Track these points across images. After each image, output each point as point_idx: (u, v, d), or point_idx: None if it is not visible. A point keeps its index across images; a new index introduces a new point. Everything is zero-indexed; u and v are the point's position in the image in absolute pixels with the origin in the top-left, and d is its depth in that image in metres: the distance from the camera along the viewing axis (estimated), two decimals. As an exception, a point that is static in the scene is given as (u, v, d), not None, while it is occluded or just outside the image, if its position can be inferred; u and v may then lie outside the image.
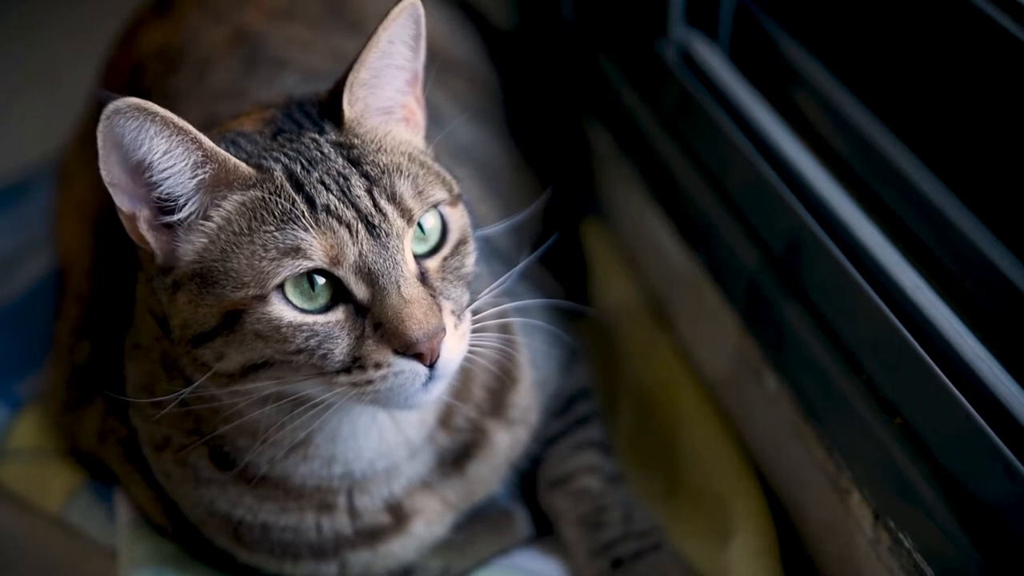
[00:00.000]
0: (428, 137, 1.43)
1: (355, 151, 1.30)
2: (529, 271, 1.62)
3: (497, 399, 1.57)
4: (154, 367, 1.43)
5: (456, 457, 1.54)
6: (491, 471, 1.58)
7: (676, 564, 1.60)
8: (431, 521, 1.54)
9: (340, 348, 1.25)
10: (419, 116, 1.40)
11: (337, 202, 1.25)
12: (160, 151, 1.22)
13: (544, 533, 1.69)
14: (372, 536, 1.51)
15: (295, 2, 1.93)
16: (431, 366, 1.26)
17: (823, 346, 1.52)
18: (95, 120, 1.20)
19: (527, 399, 1.61)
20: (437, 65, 1.98)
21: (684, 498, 1.73)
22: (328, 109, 1.34)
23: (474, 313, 1.37)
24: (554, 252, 1.73)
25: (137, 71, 1.85)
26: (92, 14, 2.37)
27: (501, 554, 1.66)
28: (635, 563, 1.59)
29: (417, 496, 1.52)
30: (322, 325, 1.25)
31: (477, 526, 1.63)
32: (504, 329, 1.51)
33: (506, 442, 1.58)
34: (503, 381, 1.57)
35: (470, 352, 1.34)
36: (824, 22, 1.72)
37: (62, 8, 2.83)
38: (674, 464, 1.78)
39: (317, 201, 1.25)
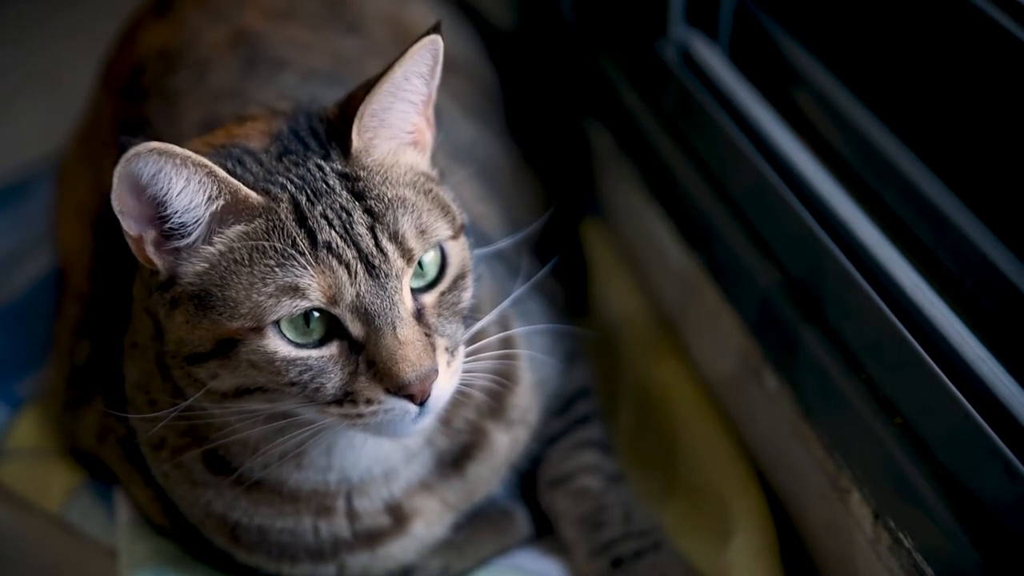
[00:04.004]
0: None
1: (360, 184, 1.29)
2: (529, 272, 1.62)
3: (496, 400, 1.56)
4: (150, 366, 1.44)
5: (455, 458, 1.54)
6: (491, 472, 1.58)
7: (676, 563, 1.60)
8: (431, 522, 1.54)
9: (333, 383, 1.26)
10: (427, 136, 1.39)
11: (339, 239, 1.25)
12: (178, 189, 1.23)
13: (544, 533, 1.69)
14: (371, 538, 1.51)
15: (295, 2, 1.93)
16: (421, 404, 1.27)
17: (823, 346, 1.52)
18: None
19: (526, 400, 1.61)
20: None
21: (684, 498, 1.73)
22: (336, 132, 1.33)
23: (473, 341, 1.38)
24: (554, 252, 1.73)
25: (137, 71, 1.84)
26: (92, 14, 2.36)
27: (501, 554, 1.66)
28: (635, 562, 1.59)
29: (416, 497, 1.52)
30: (316, 360, 1.25)
31: (477, 526, 1.63)
32: (504, 337, 1.51)
33: (505, 443, 1.58)
34: (503, 382, 1.56)
35: (463, 384, 1.35)
36: (824, 22, 1.72)
37: (62, 8, 2.83)
38: (674, 464, 1.78)
39: (319, 237, 1.24)
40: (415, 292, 1.30)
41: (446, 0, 2.13)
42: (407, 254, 1.27)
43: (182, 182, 1.23)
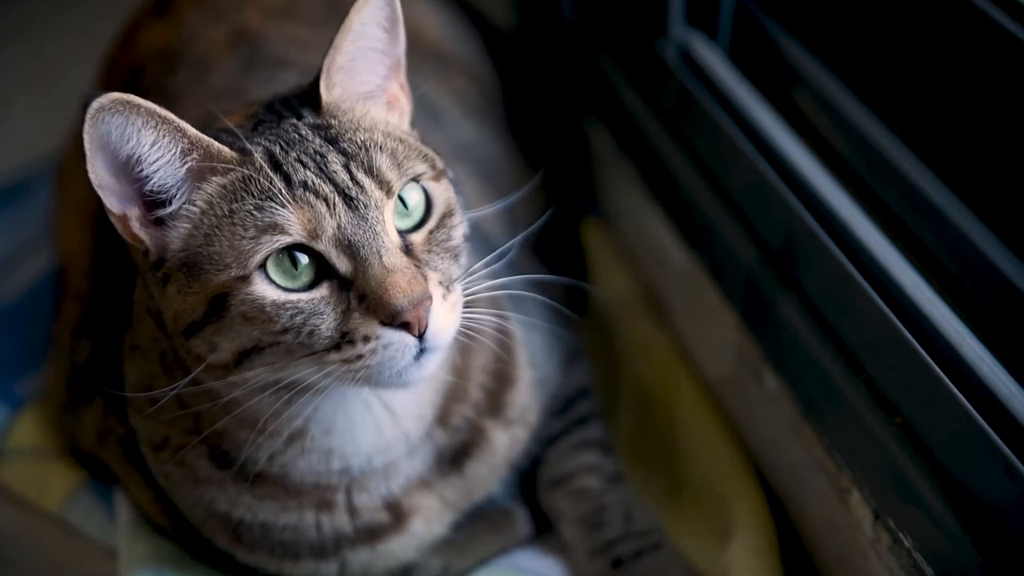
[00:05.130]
0: (427, 135, 1.43)
1: (332, 131, 1.31)
2: (528, 270, 1.62)
3: (495, 398, 1.57)
4: (152, 367, 1.44)
5: (454, 456, 1.54)
6: (490, 471, 1.58)
7: (676, 563, 1.61)
8: (430, 520, 1.54)
9: (326, 324, 1.25)
10: (404, 102, 1.41)
11: (314, 177, 1.25)
12: (148, 143, 1.23)
13: (544, 532, 1.69)
14: (371, 535, 1.51)
15: (294, 1, 1.94)
16: (421, 337, 1.26)
17: (823, 346, 1.52)
18: (81, 118, 1.21)
19: (525, 398, 1.61)
20: (436, 64, 1.98)
21: (684, 498, 1.73)
22: (308, 97, 1.35)
23: (468, 306, 1.36)
24: (554, 252, 1.72)
25: (137, 71, 1.85)
26: (92, 14, 2.37)
27: (501, 553, 1.66)
28: (635, 562, 1.59)
29: (416, 495, 1.52)
30: (307, 302, 1.25)
31: (477, 525, 1.63)
32: (499, 307, 1.50)
33: (504, 442, 1.58)
34: (501, 380, 1.57)
35: (467, 328, 1.33)
36: (824, 22, 1.72)
37: (62, 8, 2.83)
38: (674, 464, 1.78)
39: (294, 178, 1.25)
40: (404, 233, 1.30)
41: (446, 0, 2.14)
42: (384, 185, 1.28)
43: (152, 134, 1.23)
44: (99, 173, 1.24)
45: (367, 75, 1.36)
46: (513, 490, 1.69)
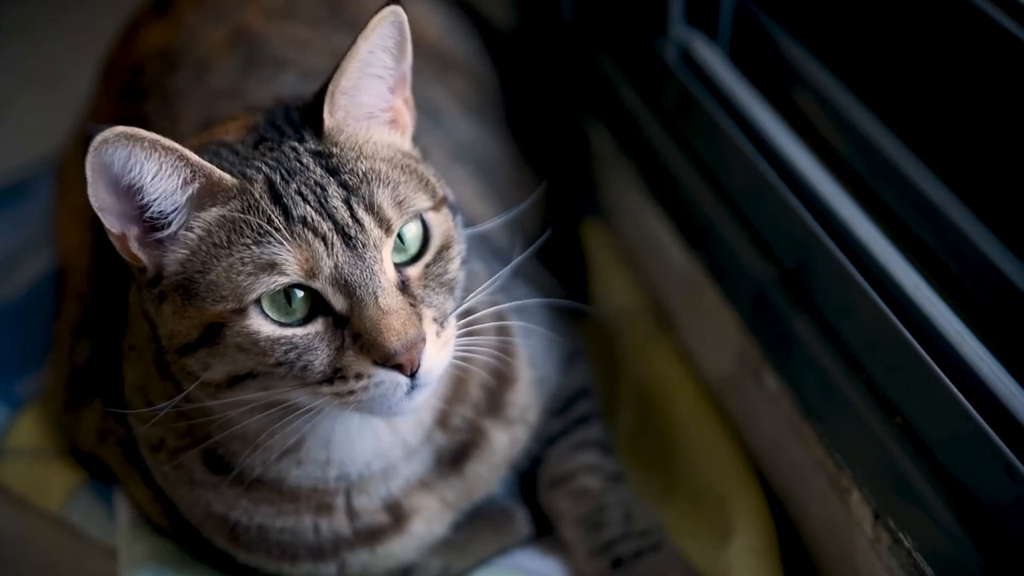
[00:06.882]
0: (427, 136, 1.42)
1: (334, 160, 1.30)
2: (529, 270, 1.62)
3: (494, 398, 1.56)
4: (148, 367, 1.44)
5: (454, 457, 1.54)
6: (489, 471, 1.58)
7: (676, 563, 1.60)
8: (430, 520, 1.54)
9: (320, 360, 1.26)
10: (406, 117, 1.39)
11: (313, 213, 1.25)
12: (150, 174, 1.23)
13: (544, 532, 1.69)
14: (371, 536, 1.51)
15: (294, 1, 1.93)
16: (412, 375, 1.26)
17: (823, 346, 1.52)
18: (84, 151, 1.21)
19: (525, 398, 1.61)
20: (437, 64, 1.98)
21: (684, 498, 1.73)
22: (310, 115, 1.34)
23: (468, 313, 1.37)
24: (554, 252, 1.72)
25: (137, 71, 1.85)
26: (92, 14, 2.37)
27: (501, 553, 1.66)
28: (635, 562, 1.59)
29: (415, 496, 1.52)
30: (301, 338, 1.25)
31: (477, 525, 1.63)
32: (501, 330, 1.51)
33: (504, 442, 1.58)
34: (500, 380, 1.57)
35: (462, 358, 1.34)
36: (824, 22, 1.72)
37: (62, 8, 2.84)
38: (674, 464, 1.78)
39: (293, 213, 1.24)
40: (400, 266, 1.30)
41: (446, 0, 2.14)
42: (384, 224, 1.27)
43: (154, 166, 1.23)
44: (100, 197, 1.24)
45: (371, 97, 1.35)
46: (513, 490, 1.69)
